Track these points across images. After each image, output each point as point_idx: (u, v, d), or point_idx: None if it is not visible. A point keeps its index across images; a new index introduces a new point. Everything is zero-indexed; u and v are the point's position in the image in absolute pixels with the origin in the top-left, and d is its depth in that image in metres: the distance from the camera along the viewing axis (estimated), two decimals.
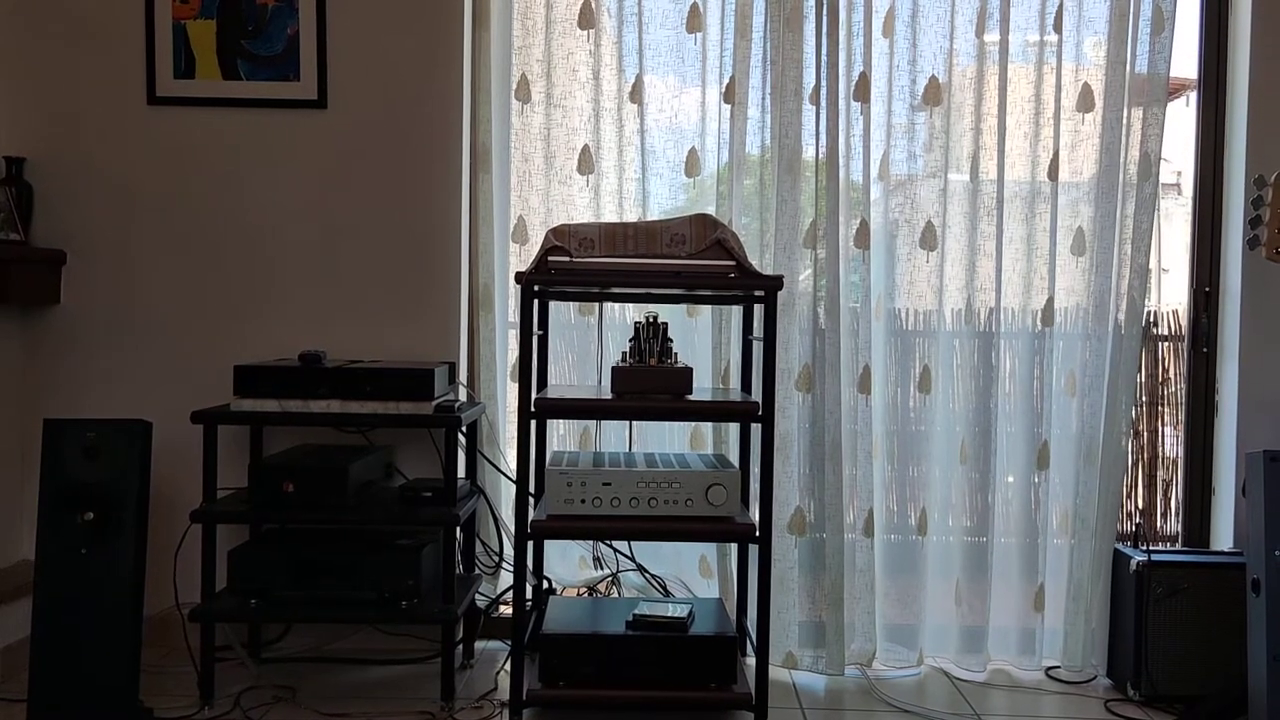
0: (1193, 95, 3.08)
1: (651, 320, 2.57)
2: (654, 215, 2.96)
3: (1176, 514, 3.19)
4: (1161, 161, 2.84)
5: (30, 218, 2.92)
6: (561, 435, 3.06)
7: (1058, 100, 2.87)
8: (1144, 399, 3.24)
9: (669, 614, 2.53)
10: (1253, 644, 2.23)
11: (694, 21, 2.93)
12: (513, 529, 2.55)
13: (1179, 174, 4.54)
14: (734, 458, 2.87)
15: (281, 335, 2.96)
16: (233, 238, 2.96)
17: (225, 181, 2.95)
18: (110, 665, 2.24)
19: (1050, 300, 2.88)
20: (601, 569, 3.02)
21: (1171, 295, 3.71)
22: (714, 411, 2.53)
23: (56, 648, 2.23)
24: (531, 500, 2.57)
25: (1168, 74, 2.83)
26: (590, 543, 3.00)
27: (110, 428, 2.30)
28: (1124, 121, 2.84)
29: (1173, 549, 3.06)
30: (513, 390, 2.99)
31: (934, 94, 2.89)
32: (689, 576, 3.02)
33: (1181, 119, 3.28)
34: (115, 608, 2.25)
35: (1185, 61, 3.02)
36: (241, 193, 2.96)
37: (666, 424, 3.00)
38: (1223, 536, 3.00)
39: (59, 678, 2.23)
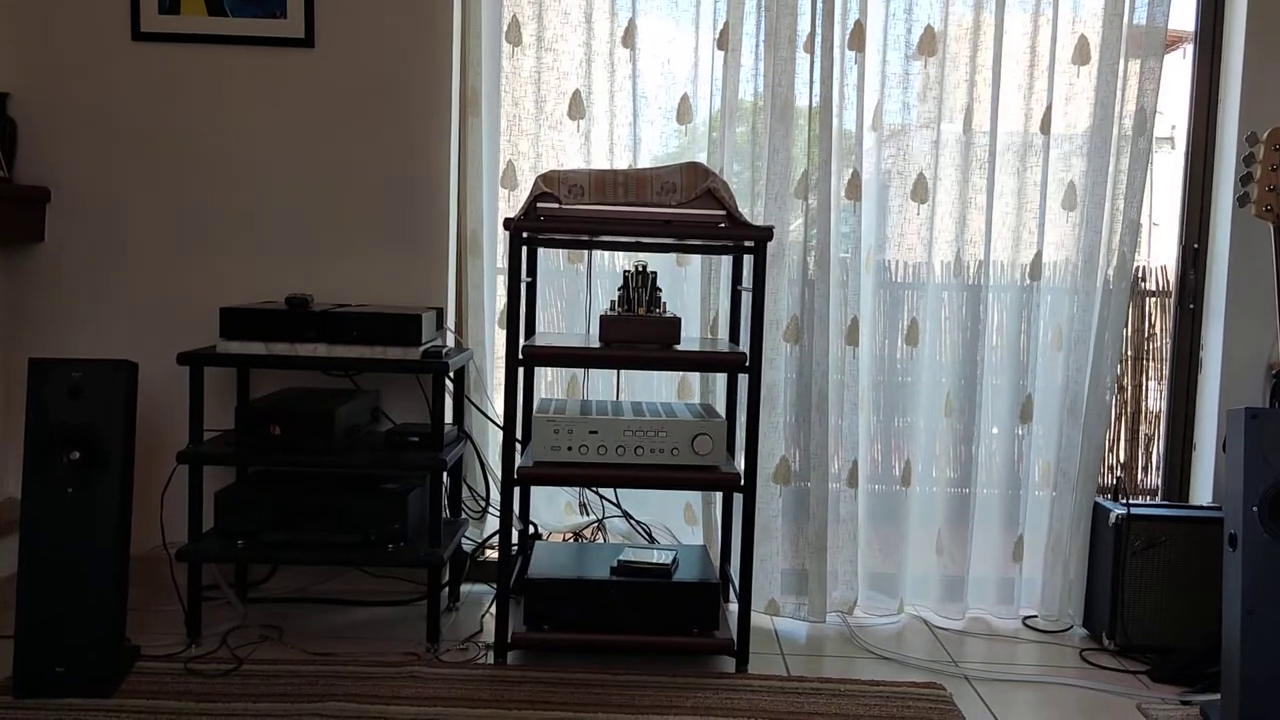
0: (1189, 48, 3.05)
1: (641, 269, 2.56)
2: (645, 162, 2.93)
3: (1157, 468, 3.22)
4: (1156, 115, 2.83)
5: (14, 154, 2.88)
6: (549, 382, 3.06)
7: (1053, 52, 2.84)
8: (1129, 353, 3.26)
9: (654, 560, 2.56)
10: (1228, 598, 2.26)
11: None
12: (499, 474, 2.56)
13: (1173, 127, 4.51)
14: (721, 407, 2.88)
15: (268, 278, 2.94)
16: (218, 177, 2.93)
17: (211, 120, 2.91)
18: (97, 603, 2.25)
19: (1039, 254, 2.87)
20: (587, 515, 3.05)
21: (1161, 251, 3.70)
22: (702, 362, 2.53)
23: (43, 586, 2.24)
24: (518, 446, 2.58)
25: (1166, 26, 2.80)
26: (576, 489, 3.02)
27: (96, 368, 2.29)
28: (1120, 74, 2.82)
29: (1152, 503, 3.09)
30: (501, 336, 2.98)
31: (929, 43, 2.85)
32: (674, 523, 3.05)
33: (1178, 71, 3.25)
34: (101, 546, 2.26)
35: (1183, 13, 2.98)
36: (227, 132, 2.92)
37: (654, 373, 3.00)
38: (1202, 492, 3.04)
39: (46, 615, 2.24)
